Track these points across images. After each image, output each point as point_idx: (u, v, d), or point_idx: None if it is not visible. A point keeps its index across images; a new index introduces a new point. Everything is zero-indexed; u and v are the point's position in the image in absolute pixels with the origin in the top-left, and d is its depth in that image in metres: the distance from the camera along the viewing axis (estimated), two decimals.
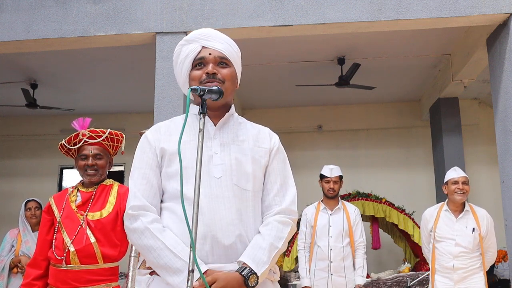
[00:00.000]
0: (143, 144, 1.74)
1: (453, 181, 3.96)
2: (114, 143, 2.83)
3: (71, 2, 5.08)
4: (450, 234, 3.89)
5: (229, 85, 1.72)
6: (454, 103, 7.37)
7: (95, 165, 2.73)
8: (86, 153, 2.73)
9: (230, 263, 1.57)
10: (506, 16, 4.71)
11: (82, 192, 2.76)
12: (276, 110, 8.44)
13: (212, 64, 1.70)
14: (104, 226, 2.64)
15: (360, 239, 4.31)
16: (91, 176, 2.74)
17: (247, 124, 1.82)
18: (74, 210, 2.68)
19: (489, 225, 3.90)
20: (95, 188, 2.75)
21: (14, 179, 8.76)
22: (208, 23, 4.88)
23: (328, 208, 4.36)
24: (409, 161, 8.41)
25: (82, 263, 2.57)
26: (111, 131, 2.80)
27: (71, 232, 2.61)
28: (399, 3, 4.75)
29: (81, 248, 2.57)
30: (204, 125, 1.52)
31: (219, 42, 1.74)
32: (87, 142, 2.74)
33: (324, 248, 4.24)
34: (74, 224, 2.63)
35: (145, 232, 1.59)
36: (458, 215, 3.93)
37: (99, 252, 2.59)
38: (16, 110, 8.19)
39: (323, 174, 4.38)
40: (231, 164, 1.65)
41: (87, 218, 2.64)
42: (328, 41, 5.99)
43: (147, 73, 5.92)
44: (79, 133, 2.76)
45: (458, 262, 3.83)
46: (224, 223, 1.58)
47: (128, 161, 9.14)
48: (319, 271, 4.25)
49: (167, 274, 1.55)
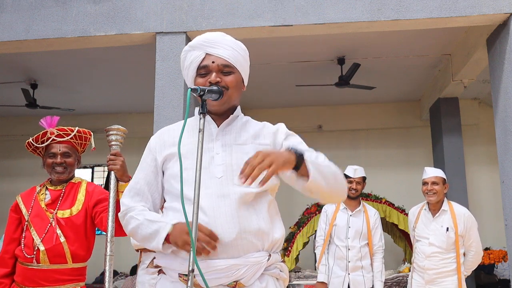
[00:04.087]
0: (146, 149, 1.84)
1: (423, 182, 3.99)
2: (82, 141, 2.81)
3: (71, 2, 5.08)
4: (426, 234, 3.91)
5: (233, 92, 1.72)
6: (454, 103, 7.37)
7: (64, 163, 2.72)
8: (54, 151, 2.72)
9: (231, 259, 1.58)
10: (506, 16, 4.71)
11: (50, 190, 2.75)
12: (276, 110, 8.45)
13: (215, 72, 1.70)
14: (74, 223, 2.64)
15: (379, 243, 4.30)
16: (60, 174, 2.72)
17: (252, 122, 1.82)
18: (43, 208, 2.67)
19: (468, 224, 3.85)
20: (64, 186, 2.75)
21: (14, 179, 8.76)
22: (208, 23, 4.88)
23: (349, 209, 4.35)
24: (409, 161, 8.41)
25: (51, 263, 2.57)
26: (79, 129, 2.79)
27: (41, 231, 2.60)
28: (399, 3, 4.75)
29: (51, 247, 2.57)
30: (204, 125, 1.52)
31: (224, 49, 1.72)
32: (55, 141, 2.73)
33: (342, 248, 4.24)
34: (44, 222, 2.62)
35: (130, 219, 1.72)
36: (435, 214, 3.94)
37: (68, 251, 2.59)
38: (16, 110, 8.19)
39: (346, 174, 4.35)
40: (232, 164, 1.66)
41: (57, 216, 2.64)
42: (328, 41, 5.99)
43: (147, 73, 5.92)
44: (47, 132, 2.75)
45: (429, 262, 3.84)
46: (224, 220, 1.59)
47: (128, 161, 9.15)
48: (336, 270, 4.25)
49: (149, 242, 1.64)
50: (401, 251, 7.38)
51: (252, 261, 1.60)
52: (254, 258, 1.60)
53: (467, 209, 4.00)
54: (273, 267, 1.68)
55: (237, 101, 1.79)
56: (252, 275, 1.60)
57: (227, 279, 1.57)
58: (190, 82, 1.76)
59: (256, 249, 1.62)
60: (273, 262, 1.67)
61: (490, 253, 7.03)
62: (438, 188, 3.90)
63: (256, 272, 1.61)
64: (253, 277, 1.61)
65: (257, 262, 1.61)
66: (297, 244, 6.61)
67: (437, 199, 3.90)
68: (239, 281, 1.59)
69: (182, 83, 4.83)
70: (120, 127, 2.44)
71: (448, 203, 3.98)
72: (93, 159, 8.58)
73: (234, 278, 1.58)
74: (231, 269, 1.57)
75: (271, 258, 1.66)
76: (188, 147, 1.67)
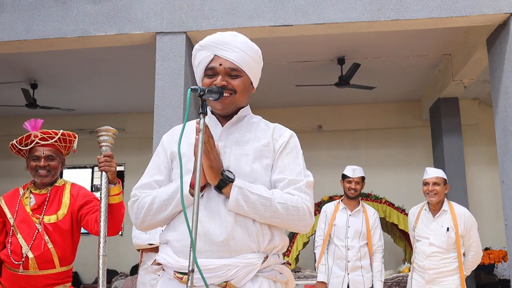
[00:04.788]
0: (159, 146, 1.82)
1: (424, 183, 3.99)
2: (67, 144, 2.79)
3: (71, 2, 5.08)
4: (426, 234, 3.92)
5: (240, 96, 1.71)
6: (454, 103, 7.37)
7: (48, 166, 2.69)
8: (38, 154, 2.69)
9: (222, 259, 1.57)
10: (506, 16, 4.71)
11: (35, 195, 2.72)
12: (276, 110, 8.44)
13: (221, 76, 1.68)
14: (61, 228, 2.64)
15: (379, 243, 4.30)
16: (43, 177, 2.70)
17: (260, 123, 1.79)
18: (29, 213, 2.65)
19: (468, 224, 3.86)
20: (48, 190, 2.72)
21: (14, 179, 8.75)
22: (208, 23, 4.88)
23: (348, 209, 4.35)
24: (409, 161, 8.41)
25: (40, 269, 2.58)
26: (63, 132, 2.77)
27: (28, 238, 2.59)
28: (399, 3, 4.75)
29: (40, 254, 2.57)
30: (204, 125, 1.52)
31: (232, 51, 1.69)
32: (39, 144, 2.70)
33: (342, 247, 4.24)
34: (31, 229, 2.60)
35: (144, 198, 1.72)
36: (436, 214, 3.94)
37: (56, 256, 2.60)
38: (16, 110, 8.19)
39: (345, 174, 4.37)
40: (229, 166, 1.65)
41: (43, 221, 2.62)
42: (328, 41, 5.99)
43: (147, 73, 5.92)
44: (31, 134, 2.72)
45: (429, 262, 3.85)
46: (218, 220, 1.59)
47: (128, 161, 9.19)
48: (335, 270, 4.26)
49: (173, 198, 1.65)
50: (401, 251, 7.38)
51: (244, 262, 1.58)
52: (246, 259, 1.58)
53: (467, 209, 4.01)
54: (270, 269, 1.65)
55: (246, 102, 1.78)
56: (244, 276, 1.58)
57: (218, 279, 1.56)
58: (199, 81, 1.76)
59: (250, 250, 1.60)
60: (270, 264, 1.64)
61: (490, 253, 7.03)
62: (439, 189, 3.91)
63: (248, 273, 1.59)
64: (244, 278, 1.58)
65: (249, 264, 1.58)
66: (297, 244, 6.62)
67: (438, 199, 3.91)
68: (230, 282, 1.57)
69: (182, 83, 4.83)
70: (109, 128, 2.43)
71: (448, 203, 3.98)
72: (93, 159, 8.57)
73: (224, 278, 1.56)
74: (221, 269, 1.56)
75: (268, 260, 1.63)
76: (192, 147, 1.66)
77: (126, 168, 8.85)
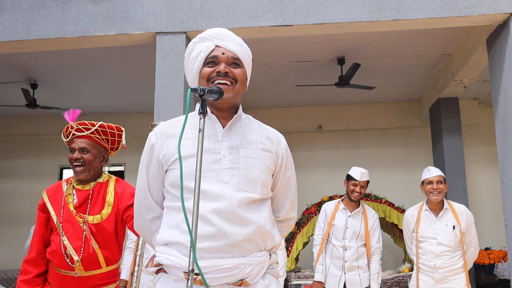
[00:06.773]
0: (148, 150, 1.76)
1: (428, 181, 3.98)
2: (108, 137, 2.66)
3: (71, 2, 5.08)
4: (432, 234, 3.92)
5: (240, 86, 1.73)
6: (454, 103, 7.37)
7: (81, 158, 2.57)
8: (73, 146, 2.61)
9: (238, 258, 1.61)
10: (506, 16, 4.71)
11: (77, 190, 2.62)
12: (276, 110, 8.44)
13: (224, 63, 1.70)
14: (106, 230, 2.56)
15: (377, 245, 4.30)
16: (78, 174, 2.58)
17: (254, 124, 1.82)
18: (72, 212, 2.56)
19: (468, 220, 3.91)
20: (91, 186, 2.61)
21: (14, 179, 8.76)
22: (208, 23, 4.88)
23: (348, 209, 4.34)
24: (409, 161, 8.41)
25: (86, 270, 2.52)
26: (103, 124, 2.65)
27: (73, 239, 2.51)
28: (399, 3, 4.75)
29: (86, 256, 2.51)
30: (204, 125, 1.52)
31: (233, 43, 1.74)
32: (75, 135, 2.61)
33: (339, 247, 4.25)
34: (75, 229, 2.53)
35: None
36: (438, 213, 3.95)
37: (102, 257, 2.54)
38: (16, 110, 8.19)
39: (351, 176, 4.32)
40: (239, 168, 1.67)
41: (88, 222, 2.54)
42: (328, 41, 5.99)
43: (147, 73, 5.92)
44: (69, 126, 2.65)
45: (440, 261, 3.85)
46: (233, 223, 1.61)
47: (128, 161, 9.18)
48: (332, 269, 4.26)
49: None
50: (401, 251, 7.37)
51: (257, 260, 1.64)
52: (258, 257, 1.65)
53: (464, 205, 4.05)
54: (272, 266, 1.74)
55: (240, 100, 1.79)
56: (256, 274, 1.65)
57: (234, 278, 1.60)
58: (195, 74, 1.74)
59: (259, 248, 1.67)
60: (272, 262, 1.74)
61: (490, 253, 7.02)
62: (443, 187, 3.92)
63: (260, 271, 1.66)
64: (257, 276, 1.65)
65: (261, 262, 1.66)
66: (297, 244, 6.61)
67: (441, 198, 3.92)
68: (245, 280, 1.62)
69: (182, 83, 4.83)
70: None
71: (447, 202, 4.00)
72: None
73: (240, 276, 1.61)
74: (237, 267, 1.60)
75: (271, 257, 1.73)
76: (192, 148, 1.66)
77: (126, 168, 8.85)
